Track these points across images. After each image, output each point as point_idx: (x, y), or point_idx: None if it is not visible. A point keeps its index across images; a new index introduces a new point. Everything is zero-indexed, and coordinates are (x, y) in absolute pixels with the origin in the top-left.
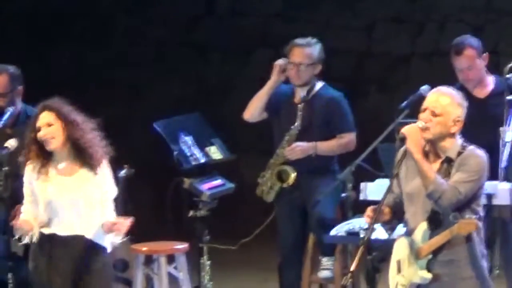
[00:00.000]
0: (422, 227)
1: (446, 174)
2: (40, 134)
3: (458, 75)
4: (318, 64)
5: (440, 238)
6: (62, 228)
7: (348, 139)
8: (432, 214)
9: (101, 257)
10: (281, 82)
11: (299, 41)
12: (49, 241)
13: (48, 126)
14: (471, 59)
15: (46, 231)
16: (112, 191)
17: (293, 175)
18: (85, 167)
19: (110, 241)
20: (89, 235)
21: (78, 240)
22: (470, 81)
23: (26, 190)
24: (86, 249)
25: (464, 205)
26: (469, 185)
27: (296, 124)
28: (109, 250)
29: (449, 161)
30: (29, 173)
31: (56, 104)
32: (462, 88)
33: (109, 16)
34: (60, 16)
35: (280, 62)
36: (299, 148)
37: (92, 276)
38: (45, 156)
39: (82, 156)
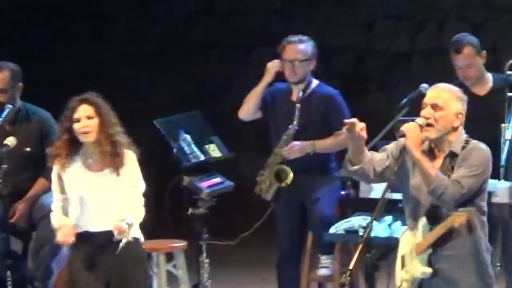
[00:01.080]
0: (422, 222)
1: (450, 169)
2: (78, 126)
3: (457, 73)
4: (312, 60)
5: (436, 232)
6: (93, 224)
7: (345, 136)
8: (431, 209)
9: (134, 249)
10: (272, 80)
11: (291, 38)
12: (83, 239)
13: (88, 118)
14: (470, 57)
15: (79, 229)
16: (141, 186)
17: (291, 174)
18: (111, 165)
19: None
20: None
21: (110, 236)
22: (470, 79)
23: (55, 187)
24: (118, 243)
25: (467, 200)
26: (472, 180)
27: (293, 123)
28: (142, 240)
29: (452, 155)
30: (58, 169)
31: (95, 99)
32: (461, 86)
33: (109, 14)
34: (60, 14)
35: (274, 63)
36: (296, 148)
37: (128, 269)
38: (73, 148)
39: (109, 154)
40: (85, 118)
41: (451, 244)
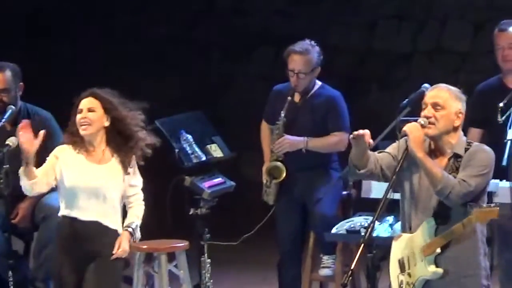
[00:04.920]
0: (427, 223)
1: (454, 170)
2: (78, 117)
3: (498, 55)
4: (317, 68)
5: (454, 231)
6: (82, 213)
7: (339, 138)
8: (440, 209)
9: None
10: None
11: (297, 48)
12: (70, 224)
13: (89, 111)
14: None
15: (68, 213)
16: (140, 184)
17: (284, 171)
18: (118, 160)
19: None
20: (105, 222)
21: (96, 226)
22: (509, 62)
23: (49, 160)
24: (101, 234)
25: (471, 200)
26: (479, 179)
27: (282, 115)
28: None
29: (456, 157)
30: (62, 152)
31: (105, 94)
32: (499, 82)
33: (109, 14)
34: (60, 14)
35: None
36: (287, 141)
37: (103, 260)
38: (80, 139)
39: (119, 150)
40: (86, 110)
41: (455, 245)
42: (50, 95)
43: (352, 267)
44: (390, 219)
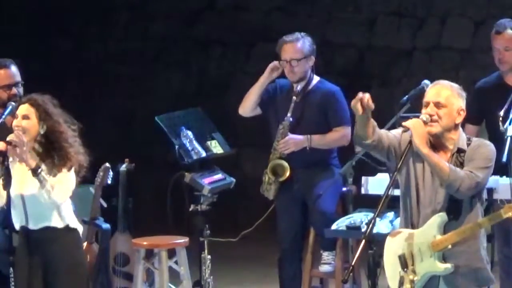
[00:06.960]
0: (437, 218)
1: (458, 165)
2: (13, 123)
3: (495, 56)
4: (310, 56)
5: (472, 227)
6: (32, 221)
7: (342, 133)
8: (450, 204)
9: (69, 240)
10: (274, 78)
11: (287, 37)
12: (24, 234)
13: (23, 118)
14: (509, 40)
15: (20, 224)
16: (66, 171)
17: (288, 169)
18: (48, 165)
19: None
20: (54, 223)
21: (43, 231)
22: (505, 63)
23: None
24: (53, 239)
25: (476, 193)
26: (485, 171)
27: (288, 115)
28: (80, 231)
29: (459, 152)
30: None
31: (41, 101)
32: (498, 79)
33: (110, 10)
34: (61, 10)
35: (274, 63)
36: (292, 141)
37: (60, 259)
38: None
39: (50, 155)
40: (21, 117)
41: (466, 240)
42: (49, 93)
43: (352, 264)
44: (390, 215)
